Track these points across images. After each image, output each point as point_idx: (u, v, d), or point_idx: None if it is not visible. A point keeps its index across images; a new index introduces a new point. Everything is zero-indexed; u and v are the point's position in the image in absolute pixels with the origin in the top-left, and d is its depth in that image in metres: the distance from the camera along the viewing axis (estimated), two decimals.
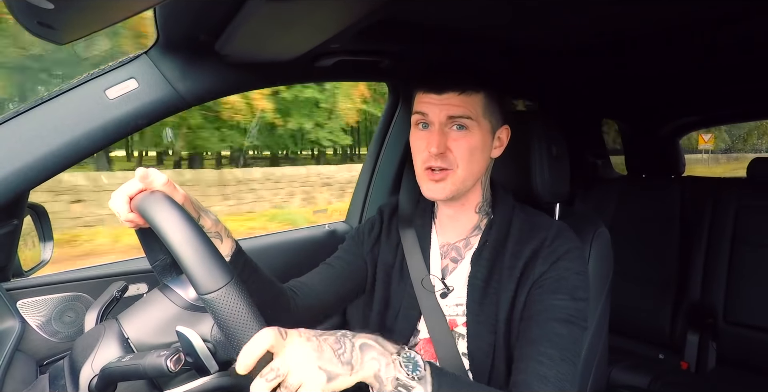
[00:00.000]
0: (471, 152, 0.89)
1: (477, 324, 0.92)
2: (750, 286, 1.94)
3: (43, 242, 1.12)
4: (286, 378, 0.56)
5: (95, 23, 0.69)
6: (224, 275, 0.58)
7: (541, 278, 0.88)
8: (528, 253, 0.91)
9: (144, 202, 0.67)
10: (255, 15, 0.77)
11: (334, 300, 1.07)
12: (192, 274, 0.58)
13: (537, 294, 0.88)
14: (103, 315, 0.77)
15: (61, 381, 0.67)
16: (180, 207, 0.66)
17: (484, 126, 0.91)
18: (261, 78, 1.14)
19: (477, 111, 0.89)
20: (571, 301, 0.86)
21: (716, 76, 1.84)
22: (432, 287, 0.98)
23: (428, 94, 0.90)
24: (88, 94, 0.91)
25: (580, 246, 0.93)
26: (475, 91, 0.89)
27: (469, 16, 1.12)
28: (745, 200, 2.04)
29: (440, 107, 0.88)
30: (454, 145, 0.89)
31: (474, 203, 0.99)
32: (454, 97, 0.88)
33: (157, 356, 0.59)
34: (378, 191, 1.77)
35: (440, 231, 1.04)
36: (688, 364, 1.99)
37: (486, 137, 0.92)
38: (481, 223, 1.00)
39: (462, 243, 1.00)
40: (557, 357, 0.80)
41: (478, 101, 0.90)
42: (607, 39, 1.35)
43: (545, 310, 0.85)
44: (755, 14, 1.13)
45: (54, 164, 0.88)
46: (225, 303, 0.57)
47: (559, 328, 0.83)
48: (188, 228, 0.61)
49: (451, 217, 1.01)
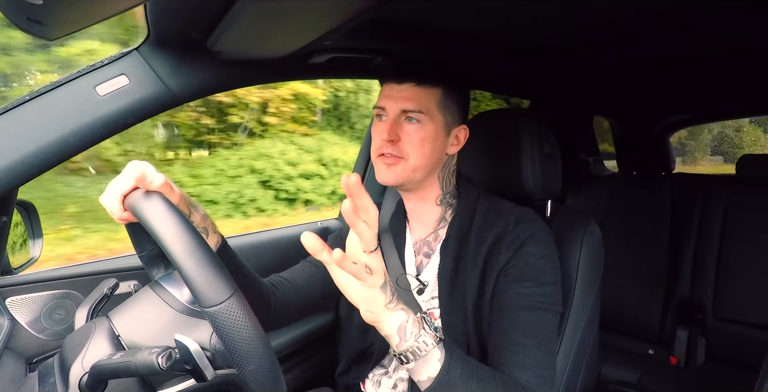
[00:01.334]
0: (421, 143, 0.92)
1: (449, 315, 0.94)
2: (739, 282, 1.96)
3: (32, 239, 1.11)
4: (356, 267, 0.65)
5: (85, 19, 0.68)
6: (227, 288, 0.58)
7: (506, 266, 0.90)
8: (491, 240, 0.93)
9: (141, 206, 0.65)
10: (247, 12, 0.76)
11: (317, 298, 1.07)
12: (195, 287, 0.58)
13: (504, 284, 0.89)
14: (94, 313, 0.76)
15: (51, 379, 0.67)
16: (180, 214, 0.64)
17: (438, 120, 0.94)
18: (253, 75, 1.14)
19: (431, 105, 0.93)
20: (538, 287, 0.87)
21: (707, 74, 1.85)
22: (408, 285, 0.99)
23: (389, 84, 0.96)
24: (78, 91, 0.90)
25: (543, 229, 0.95)
26: (432, 84, 0.93)
27: (460, 14, 1.12)
28: (734, 197, 2.06)
29: (396, 100, 0.93)
30: (405, 136, 0.93)
31: (434, 196, 1.01)
32: (412, 89, 0.93)
33: (149, 353, 0.59)
34: (370, 189, 1.77)
35: (412, 228, 1.06)
36: (678, 360, 2.02)
37: (439, 131, 0.94)
38: (446, 215, 1.02)
39: (432, 236, 1.02)
40: (531, 345, 0.82)
41: (434, 95, 0.93)
42: (598, 37, 1.36)
43: (513, 299, 0.87)
44: (746, 12, 1.14)
45: (42, 161, 0.87)
46: (228, 317, 0.57)
47: (528, 316, 0.85)
48: (191, 239, 0.60)
49: (414, 211, 1.04)
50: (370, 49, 1.20)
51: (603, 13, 1.15)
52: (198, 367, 0.62)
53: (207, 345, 0.66)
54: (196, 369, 0.62)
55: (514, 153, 1.09)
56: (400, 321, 0.71)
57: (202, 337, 0.66)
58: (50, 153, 0.88)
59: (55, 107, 0.88)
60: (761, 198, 1.99)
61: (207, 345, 0.66)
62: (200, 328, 0.68)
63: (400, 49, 1.23)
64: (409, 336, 0.71)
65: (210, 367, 0.63)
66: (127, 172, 0.70)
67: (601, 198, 2.38)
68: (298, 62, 1.14)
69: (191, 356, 0.61)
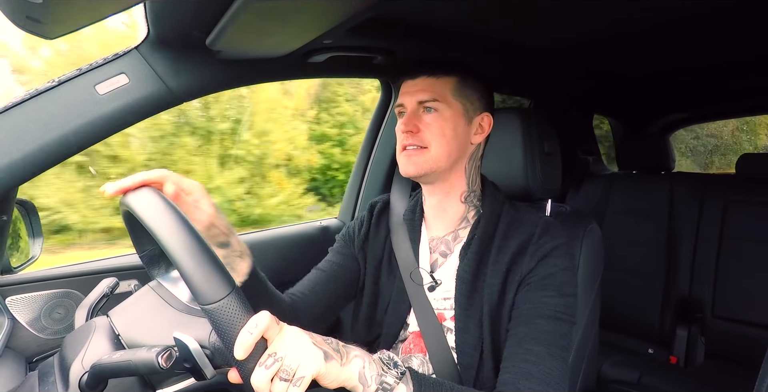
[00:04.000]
0: (441, 131, 0.92)
1: (465, 318, 0.93)
2: (737, 281, 1.96)
3: (32, 238, 1.11)
4: (284, 362, 0.57)
5: (84, 18, 0.68)
6: (225, 285, 0.58)
7: (528, 275, 0.89)
8: (514, 249, 0.92)
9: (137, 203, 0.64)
10: (247, 11, 0.76)
11: (333, 305, 1.07)
12: (193, 285, 0.57)
13: (525, 292, 0.88)
14: (94, 312, 0.76)
15: (51, 378, 0.67)
16: (177, 210, 0.63)
17: (456, 107, 0.94)
18: (253, 74, 1.14)
19: (446, 93, 0.93)
20: (560, 297, 0.86)
21: (706, 73, 1.86)
22: (421, 280, 0.99)
23: (405, 82, 0.97)
24: (78, 90, 0.90)
25: (568, 242, 0.94)
26: (445, 73, 0.94)
27: (459, 13, 1.12)
28: (733, 196, 2.06)
29: (412, 94, 0.94)
30: (425, 126, 0.93)
31: (459, 191, 0.99)
32: (425, 80, 0.94)
33: (148, 352, 0.58)
34: (371, 187, 1.77)
35: (429, 225, 1.05)
36: (678, 359, 2.02)
37: (458, 118, 0.94)
38: (468, 215, 1.00)
39: (451, 236, 1.01)
40: (544, 354, 0.81)
41: (449, 83, 0.94)
42: (599, 36, 1.36)
43: (533, 308, 0.86)
44: (745, 12, 1.14)
45: (42, 160, 0.87)
46: (226, 314, 0.56)
47: (545, 325, 0.84)
48: (188, 236, 0.59)
49: (436, 207, 1.02)
50: (369, 48, 1.20)
51: (603, 12, 1.15)
52: (197, 365, 0.62)
53: (206, 343, 0.66)
54: (196, 367, 0.62)
55: (515, 152, 1.09)
56: (359, 369, 0.66)
57: (201, 335, 0.66)
58: (50, 152, 0.88)
59: (55, 106, 0.88)
60: (760, 198, 1.99)
61: (206, 343, 0.66)
62: (199, 326, 0.67)
63: (400, 48, 1.23)
64: (371, 381, 0.66)
65: (209, 365, 0.63)
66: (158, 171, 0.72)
67: (600, 198, 2.38)
68: (297, 61, 1.14)
69: (190, 354, 0.61)
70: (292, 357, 0.58)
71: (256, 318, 0.57)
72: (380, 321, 1.03)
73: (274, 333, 0.59)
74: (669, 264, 2.15)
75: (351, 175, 1.83)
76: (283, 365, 0.57)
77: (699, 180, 2.21)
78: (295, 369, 0.58)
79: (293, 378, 0.58)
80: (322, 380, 0.63)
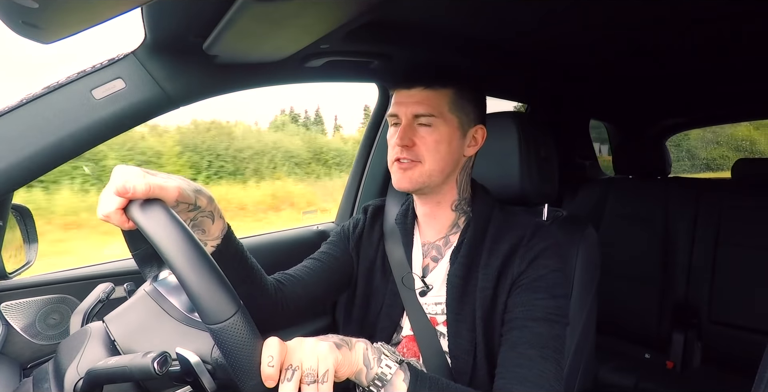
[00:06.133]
0: (436, 146, 0.92)
1: (457, 323, 0.93)
2: (733, 286, 1.97)
3: (27, 243, 1.10)
4: (303, 367, 0.59)
5: (81, 22, 0.68)
6: (231, 305, 0.57)
7: (519, 278, 0.89)
8: (504, 252, 0.92)
9: (141, 217, 0.62)
10: (244, 15, 0.76)
11: (322, 292, 1.05)
12: (199, 304, 0.57)
13: (516, 295, 0.89)
14: (89, 318, 0.76)
15: (46, 385, 0.66)
16: (183, 226, 0.61)
17: (451, 121, 0.93)
18: (250, 78, 1.13)
19: (443, 107, 0.92)
20: (551, 299, 0.86)
21: (703, 78, 1.87)
22: (413, 284, 0.99)
23: (399, 91, 0.96)
24: (74, 94, 0.89)
25: (558, 243, 0.94)
26: (442, 86, 0.93)
27: (457, 18, 1.12)
28: (729, 201, 2.07)
29: (407, 105, 0.93)
30: (420, 140, 0.92)
31: (449, 201, 1.00)
32: (422, 92, 0.92)
33: (143, 357, 0.58)
34: (367, 192, 1.77)
35: (422, 231, 1.05)
36: (674, 364, 2.02)
37: (453, 132, 0.94)
38: (459, 221, 1.01)
39: (442, 241, 1.01)
40: (537, 357, 0.81)
41: (445, 96, 0.93)
42: (595, 41, 1.37)
43: (525, 311, 0.86)
44: (741, 16, 1.15)
45: (38, 165, 0.87)
46: (232, 334, 0.56)
47: (538, 327, 0.84)
48: (194, 254, 0.59)
49: (428, 215, 1.02)
50: (366, 53, 1.20)
51: (600, 18, 1.16)
52: (199, 380, 0.62)
53: (208, 358, 0.66)
54: (197, 382, 0.62)
55: (511, 156, 1.09)
56: (362, 352, 0.69)
57: (203, 350, 0.66)
58: (46, 156, 0.87)
59: (51, 110, 0.88)
60: (756, 203, 2.00)
61: (208, 359, 0.66)
62: (200, 340, 0.67)
63: (397, 53, 1.24)
64: (373, 363, 0.69)
65: (211, 381, 0.63)
66: (111, 184, 0.63)
67: (597, 202, 2.38)
68: (294, 66, 1.14)
69: (193, 370, 0.61)
70: (308, 359, 0.60)
71: (270, 350, 0.58)
72: (373, 323, 1.03)
73: (284, 350, 0.61)
74: (665, 268, 2.15)
75: (348, 180, 1.83)
76: (303, 370, 0.59)
77: (695, 185, 2.22)
78: (317, 367, 0.60)
79: (318, 377, 0.60)
80: (340, 369, 0.65)
